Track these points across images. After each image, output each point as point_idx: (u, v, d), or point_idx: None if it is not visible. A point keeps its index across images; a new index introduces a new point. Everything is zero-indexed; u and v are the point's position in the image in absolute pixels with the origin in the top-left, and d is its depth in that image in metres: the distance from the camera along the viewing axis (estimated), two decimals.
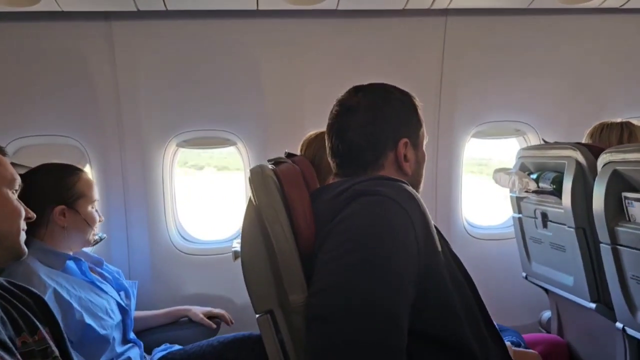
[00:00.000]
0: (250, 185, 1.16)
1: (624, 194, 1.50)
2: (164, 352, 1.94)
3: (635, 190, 1.47)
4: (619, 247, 1.51)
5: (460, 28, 2.48)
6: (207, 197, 4.29)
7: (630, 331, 1.54)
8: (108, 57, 2.37)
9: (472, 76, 2.58)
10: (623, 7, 2.43)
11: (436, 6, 2.32)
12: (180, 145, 2.58)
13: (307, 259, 1.10)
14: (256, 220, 1.14)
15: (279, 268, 1.08)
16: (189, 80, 2.45)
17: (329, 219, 1.06)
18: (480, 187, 3.46)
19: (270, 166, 1.23)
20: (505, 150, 3.07)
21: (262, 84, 2.48)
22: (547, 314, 2.40)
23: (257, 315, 1.11)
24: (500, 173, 2.29)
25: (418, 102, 1.29)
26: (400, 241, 0.97)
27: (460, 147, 2.69)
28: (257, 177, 1.15)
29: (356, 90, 1.26)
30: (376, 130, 1.20)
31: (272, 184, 1.14)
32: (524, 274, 2.34)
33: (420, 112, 1.27)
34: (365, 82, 1.29)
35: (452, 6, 2.33)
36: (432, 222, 1.07)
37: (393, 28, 2.47)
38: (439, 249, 1.05)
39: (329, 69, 2.49)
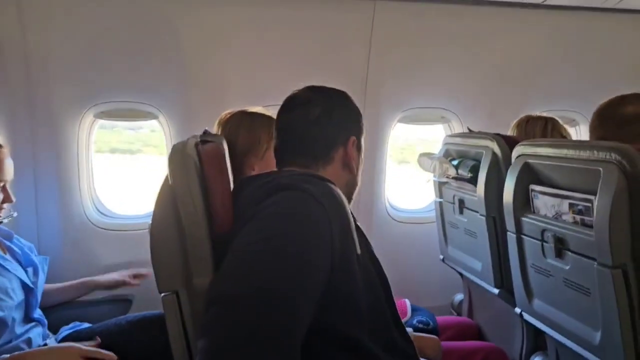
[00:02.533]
0: (168, 163, 1.12)
1: (531, 186, 1.56)
2: (70, 331, 1.87)
3: (542, 183, 1.52)
4: (523, 236, 1.58)
5: (389, 13, 2.47)
6: (140, 176, 4.15)
7: (526, 316, 1.62)
8: (18, 16, 2.19)
9: (400, 62, 2.59)
10: (544, 2, 2.50)
11: None
12: (98, 116, 2.45)
13: (220, 244, 1.08)
14: (170, 199, 1.10)
15: (187, 249, 1.05)
16: (107, 48, 2.31)
17: (249, 209, 1.05)
18: (410, 172, 3.53)
19: (193, 145, 1.18)
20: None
21: (183, 57, 2.38)
22: (459, 297, 2.49)
23: (162, 295, 1.09)
24: (424, 157, 2.34)
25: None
26: (313, 238, 0.97)
27: (386, 131, 2.71)
28: (176, 156, 1.12)
29: (309, 87, 1.30)
30: (331, 124, 1.24)
31: (192, 163, 1.11)
32: (441, 257, 2.42)
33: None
34: (291, 61, 1.31)
35: None
36: (353, 225, 1.09)
37: (322, 7, 2.43)
38: (357, 251, 1.06)
39: (254, 44, 2.43)
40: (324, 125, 1.24)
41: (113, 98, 2.40)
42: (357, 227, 1.16)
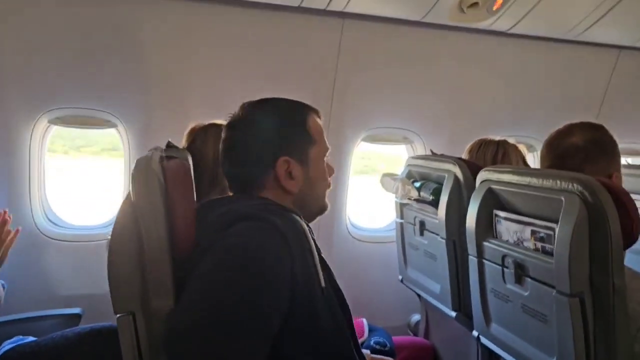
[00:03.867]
0: (132, 179, 1.08)
1: (495, 211, 1.58)
2: (13, 344, 1.77)
3: (505, 209, 1.55)
4: (484, 260, 1.60)
5: (356, 32, 2.49)
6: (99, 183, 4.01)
7: (483, 340, 1.64)
8: None
9: (366, 81, 2.61)
10: (509, 31, 2.58)
11: (333, 7, 2.30)
12: (53, 122, 2.35)
13: (181, 266, 1.05)
14: (131, 216, 1.06)
15: (147, 271, 1.02)
16: (63, 53, 2.22)
17: (210, 237, 1.03)
18: (369, 190, 3.55)
19: (158, 160, 1.15)
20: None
21: (146, 66, 2.32)
22: (415, 317, 2.51)
23: (118, 315, 1.04)
24: (386, 177, 2.35)
25: (315, 116, 1.26)
26: (273, 271, 0.96)
27: (349, 150, 2.72)
28: (140, 174, 1.08)
29: (243, 106, 1.25)
30: (254, 148, 1.20)
31: (156, 182, 1.08)
32: (400, 277, 2.43)
33: (312, 126, 1.24)
34: (258, 74, 1.27)
35: (348, 9, 2.32)
36: (317, 257, 1.07)
37: (290, 24, 2.42)
38: (322, 284, 1.04)
39: (219, 56, 2.39)
40: (248, 152, 1.20)
41: (68, 104, 2.31)
42: (321, 258, 1.14)
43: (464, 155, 2.25)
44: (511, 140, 2.11)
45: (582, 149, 1.44)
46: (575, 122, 1.52)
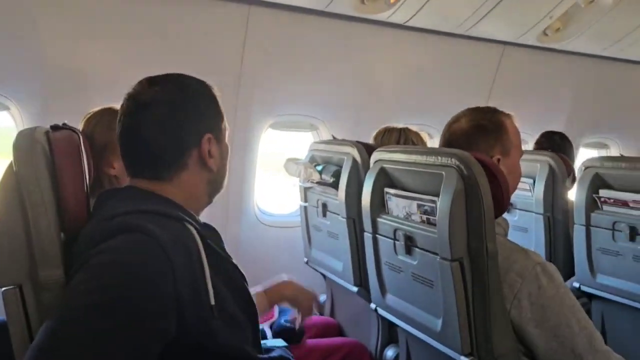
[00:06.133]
0: (13, 149, 1.03)
1: (386, 189, 1.69)
2: None
3: (396, 186, 1.66)
4: (378, 236, 1.70)
5: (263, 20, 2.53)
6: None
7: (380, 311, 1.75)
8: None
9: (272, 68, 2.66)
10: (406, 23, 2.73)
11: None
12: None
13: (71, 236, 1.02)
14: (14, 186, 1.02)
15: (33, 240, 0.99)
16: None
17: (87, 249, 0.95)
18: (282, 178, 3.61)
19: (44, 131, 1.09)
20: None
21: (41, 45, 2.21)
22: (322, 298, 2.59)
23: (3, 289, 0.99)
24: (290, 162, 2.41)
25: (217, 92, 1.20)
26: (149, 293, 0.90)
27: (257, 136, 2.76)
28: (22, 141, 1.03)
29: (150, 82, 1.12)
30: (177, 127, 1.09)
31: (40, 150, 1.03)
32: (305, 260, 2.50)
33: (220, 103, 1.19)
34: (162, 59, 1.20)
35: None
36: (207, 273, 0.99)
37: (194, 8, 2.41)
38: (210, 301, 0.97)
39: (120, 37, 2.33)
40: (168, 132, 1.08)
41: None
42: (230, 262, 1.12)
43: (370, 141, 2.37)
44: (413, 128, 2.25)
45: (465, 133, 1.53)
46: (471, 107, 1.60)
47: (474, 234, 1.32)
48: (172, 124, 1.09)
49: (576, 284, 2.21)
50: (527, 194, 2.54)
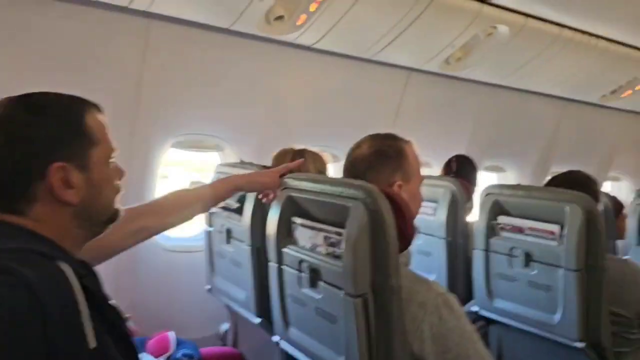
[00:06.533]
0: None
1: (293, 218, 1.62)
2: None
3: (303, 216, 1.59)
4: (283, 266, 1.63)
5: (164, 34, 2.40)
6: None
7: (283, 344, 1.68)
8: None
9: (174, 86, 2.53)
10: (314, 46, 2.71)
11: (136, 6, 2.18)
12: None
13: None
14: None
15: None
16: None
17: None
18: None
19: None
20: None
21: None
22: (224, 327, 2.48)
23: None
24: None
25: (95, 112, 1.06)
26: (14, 337, 0.81)
27: (156, 156, 2.60)
28: None
29: (10, 101, 0.99)
30: (11, 154, 0.96)
31: None
32: (208, 287, 2.37)
33: (92, 125, 1.04)
34: (49, 74, 1.03)
35: (154, 10, 2.22)
36: (86, 313, 0.89)
37: (90, 19, 2.23)
38: (89, 345, 0.88)
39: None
40: (5, 162, 0.96)
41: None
42: (108, 303, 1.01)
43: (271, 163, 2.29)
44: (313, 149, 2.19)
45: (366, 159, 1.53)
46: (373, 133, 1.61)
47: (379, 269, 1.28)
48: (6, 150, 0.96)
49: (475, 308, 2.26)
50: (431, 218, 2.60)
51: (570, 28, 3.06)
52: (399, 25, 2.62)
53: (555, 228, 1.93)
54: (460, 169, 2.92)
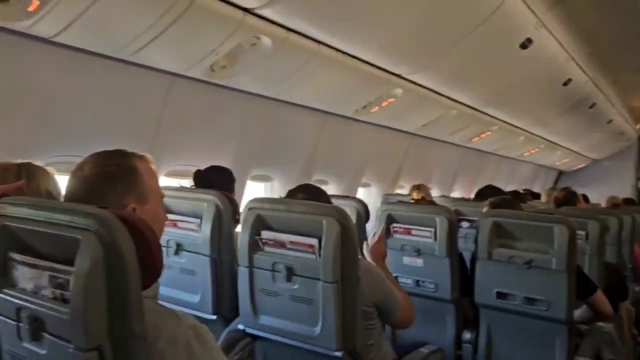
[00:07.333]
0: None
1: (10, 253, 1.28)
2: None
3: (25, 251, 1.27)
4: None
5: None
6: None
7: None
8: None
9: None
10: (54, 39, 2.31)
11: None
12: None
13: None
14: None
15: None
16: None
17: None
18: None
19: None
20: None
21: None
22: None
23: None
24: None
25: None
26: None
27: None
28: None
29: None
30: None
31: None
32: None
33: None
34: None
35: None
36: None
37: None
38: None
39: None
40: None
41: None
42: None
43: None
44: (38, 163, 1.78)
45: (88, 182, 1.31)
46: (98, 152, 1.38)
47: (118, 314, 1.07)
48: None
49: (241, 326, 2.19)
50: (195, 234, 2.45)
51: (327, 45, 3.22)
52: (158, 25, 2.39)
53: (314, 241, 1.95)
54: (215, 180, 2.78)
